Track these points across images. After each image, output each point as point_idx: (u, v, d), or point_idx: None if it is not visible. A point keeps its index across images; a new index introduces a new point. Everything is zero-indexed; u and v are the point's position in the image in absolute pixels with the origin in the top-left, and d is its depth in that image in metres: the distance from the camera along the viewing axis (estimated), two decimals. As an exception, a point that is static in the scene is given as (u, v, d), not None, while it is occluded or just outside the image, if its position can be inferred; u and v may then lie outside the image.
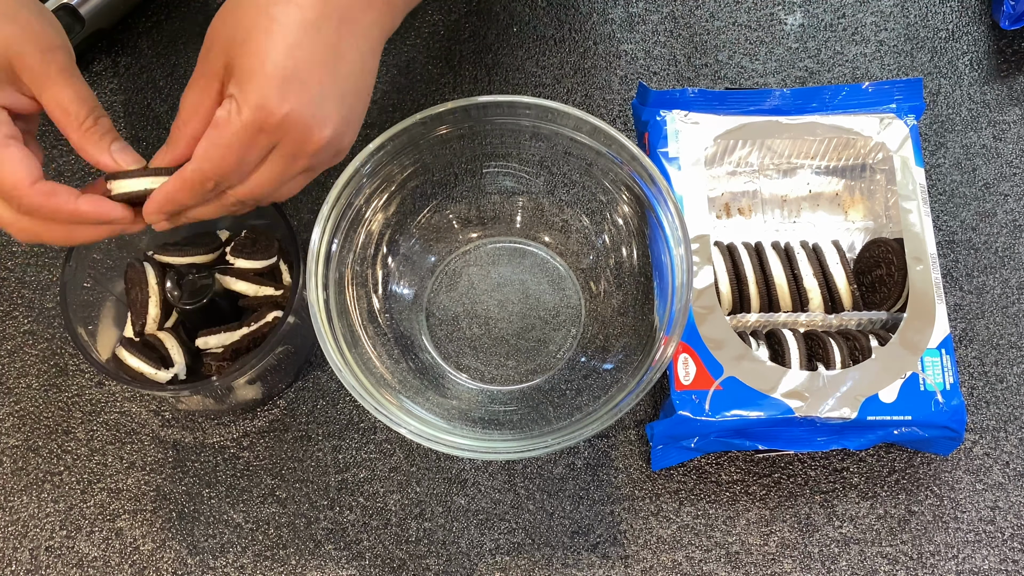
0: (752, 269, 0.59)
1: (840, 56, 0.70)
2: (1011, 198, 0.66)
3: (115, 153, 0.49)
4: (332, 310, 0.53)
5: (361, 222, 0.57)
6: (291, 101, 0.44)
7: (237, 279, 0.58)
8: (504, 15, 0.71)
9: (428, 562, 0.58)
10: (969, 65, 0.70)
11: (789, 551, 0.58)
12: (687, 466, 0.60)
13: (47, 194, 0.46)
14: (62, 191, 0.47)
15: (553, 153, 0.59)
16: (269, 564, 0.58)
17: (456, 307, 0.63)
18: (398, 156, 0.56)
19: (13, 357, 0.63)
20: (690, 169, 0.60)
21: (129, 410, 0.62)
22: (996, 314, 0.63)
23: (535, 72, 0.70)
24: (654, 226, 0.55)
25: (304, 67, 0.44)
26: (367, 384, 0.52)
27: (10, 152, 0.46)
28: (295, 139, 0.46)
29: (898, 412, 0.55)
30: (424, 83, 0.69)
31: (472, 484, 0.60)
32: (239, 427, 0.61)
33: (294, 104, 0.44)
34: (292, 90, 0.44)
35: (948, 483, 0.60)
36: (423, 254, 0.63)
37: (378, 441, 0.61)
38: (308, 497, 0.60)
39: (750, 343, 0.58)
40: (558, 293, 0.63)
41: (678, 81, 0.69)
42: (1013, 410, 0.61)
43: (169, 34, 0.71)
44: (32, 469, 0.61)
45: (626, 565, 0.58)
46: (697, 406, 0.55)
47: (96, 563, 0.59)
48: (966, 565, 0.58)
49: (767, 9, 0.71)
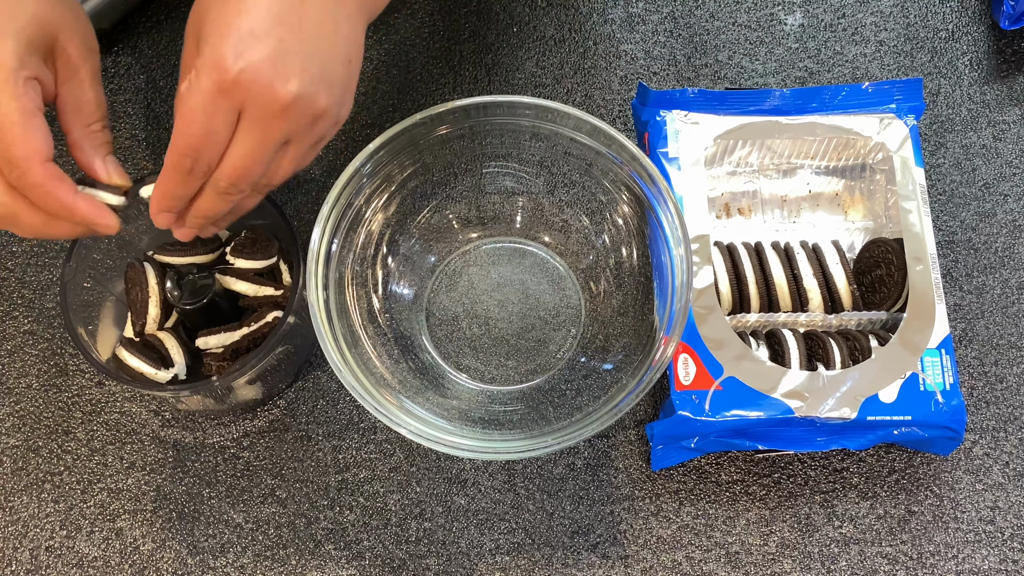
0: (752, 269, 0.59)
1: (840, 56, 0.70)
2: (1011, 198, 0.66)
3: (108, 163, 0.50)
4: (332, 310, 0.53)
5: (361, 222, 0.57)
6: (246, 57, 0.43)
7: (237, 279, 0.58)
8: (504, 15, 0.71)
9: (428, 562, 0.58)
10: (969, 65, 0.70)
11: (789, 551, 0.58)
12: (687, 466, 0.60)
13: (53, 176, 0.46)
14: (67, 180, 0.47)
15: (553, 153, 0.59)
16: (269, 564, 0.58)
17: (456, 307, 0.63)
18: (398, 156, 0.56)
19: (13, 357, 0.63)
20: (690, 169, 0.60)
21: (129, 410, 0.62)
22: (996, 314, 0.63)
23: (535, 72, 0.70)
24: (654, 226, 0.55)
25: (260, 24, 0.43)
26: (367, 384, 0.52)
27: (38, 122, 0.46)
28: (258, 98, 0.43)
29: (898, 412, 0.55)
30: (424, 83, 0.69)
31: (472, 484, 0.60)
32: (239, 427, 0.61)
33: (250, 59, 0.43)
34: (246, 46, 0.43)
35: (948, 483, 0.60)
36: (423, 254, 0.63)
37: (378, 441, 0.61)
38: (308, 497, 0.60)
39: (750, 343, 0.58)
40: (558, 293, 0.63)
41: (678, 81, 0.69)
42: (1013, 410, 0.61)
43: (169, 34, 0.71)
44: (32, 469, 0.61)
45: (626, 565, 0.58)
46: (697, 406, 0.55)
47: (96, 563, 0.59)
48: (966, 565, 0.58)
49: (767, 9, 0.71)
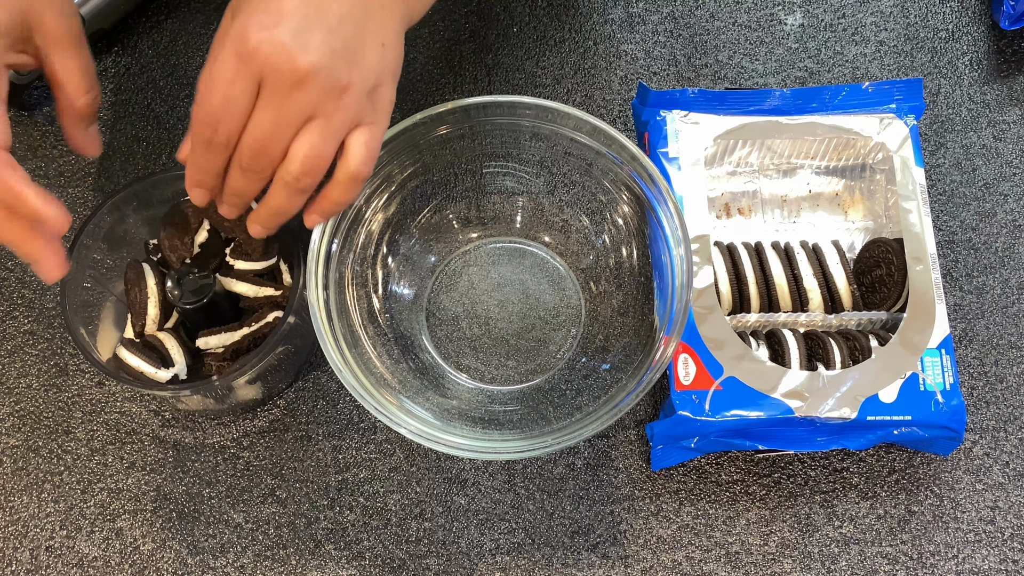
0: (752, 269, 0.59)
1: (840, 56, 0.70)
2: (1011, 198, 0.66)
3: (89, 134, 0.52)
4: (332, 310, 0.53)
5: (361, 222, 0.57)
6: (269, 29, 0.43)
7: (237, 280, 0.58)
8: (504, 15, 0.71)
9: (428, 562, 0.58)
10: (969, 65, 0.70)
11: (789, 551, 0.58)
12: (687, 466, 0.60)
13: (7, 164, 0.46)
14: (19, 170, 0.47)
15: (553, 153, 0.59)
16: (269, 564, 0.58)
17: (456, 307, 0.63)
18: (398, 156, 0.56)
19: (13, 357, 0.63)
20: (690, 169, 0.60)
21: (129, 410, 0.62)
22: (996, 314, 0.63)
23: (535, 72, 0.70)
24: (654, 226, 0.55)
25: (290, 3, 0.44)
26: (367, 384, 0.52)
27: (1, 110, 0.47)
28: (276, 67, 0.43)
29: (898, 412, 0.55)
30: (424, 83, 0.69)
31: (472, 484, 0.60)
32: (239, 427, 0.61)
33: (272, 31, 0.43)
34: (273, 20, 0.43)
35: (948, 483, 0.60)
36: (423, 254, 0.63)
37: (378, 441, 0.61)
38: (308, 497, 0.60)
39: (750, 343, 0.58)
40: (558, 293, 0.63)
41: (678, 81, 0.69)
42: (1013, 410, 0.61)
43: (169, 34, 0.71)
44: (32, 469, 0.61)
45: (626, 565, 0.58)
46: (697, 406, 0.55)
47: (96, 563, 0.59)
48: (966, 565, 0.58)
49: (767, 9, 0.71)
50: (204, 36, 0.71)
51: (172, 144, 0.68)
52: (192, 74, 0.69)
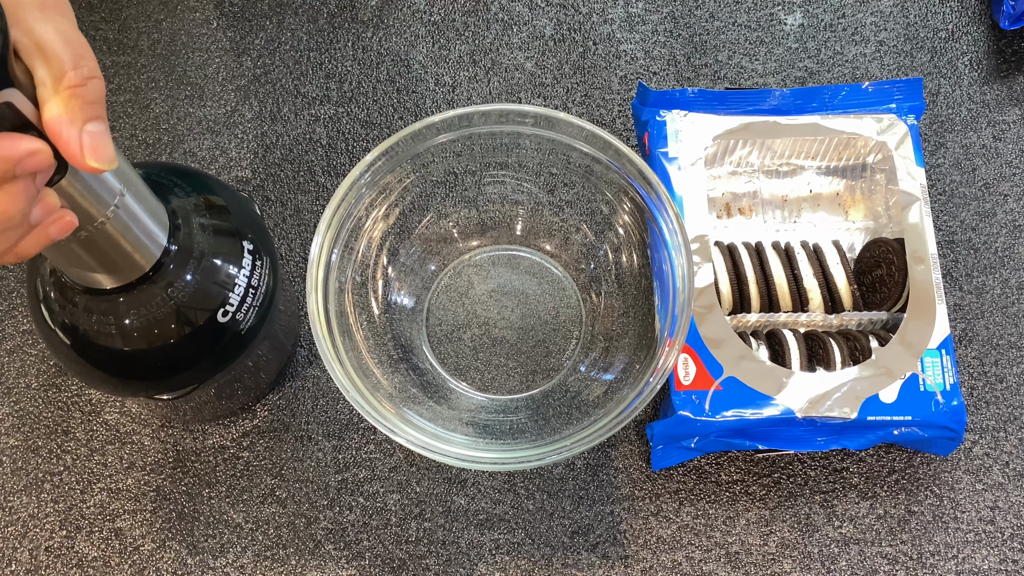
0: (752, 269, 0.59)
1: (840, 56, 0.70)
2: (1011, 198, 0.66)
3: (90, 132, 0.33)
4: (332, 319, 0.53)
5: (361, 231, 0.57)
6: None
7: None
8: (504, 15, 0.71)
9: (428, 562, 0.58)
10: (969, 65, 0.70)
11: (789, 551, 0.58)
12: (687, 466, 0.60)
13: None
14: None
15: (553, 161, 0.59)
16: (269, 564, 0.58)
17: (456, 315, 0.63)
18: (398, 165, 0.56)
19: (13, 357, 0.63)
20: (690, 169, 0.60)
21: (129, 410, 0.62)
22: (996, 314, 0.63)
23: (535, 72, 0.70)
24: (654, 234, 0.55)
25: None
26: (367, 394, 0.51)
27: None
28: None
29: (898, 412, 0.55)
30: (424, 83, 0.69)
31: (472, 484, 0.60)
32: (239, 427, 0.61)
33: None
34: None
35: (948, 483, 0.60)
36: (423, 263, 0.63)
37: (378, 441, 0.61)
38: (308, 497, 0.60)
39: (750, 343, 0.58)
40: (559, 301, 0.63)
41: (678, 81, 0.69)
42: (1013, 410, 0.61)
43: (169, 34, 0.71)
44: (32, 469, 0.61)
45: (626, 565, 0.58)
46: (697, 406, 0.55)
47: (96, 563, 0.59)
48: (966, 565, 0.58)
49: (767, 9, 0.71)
50: (204, 36, 0.71)
51: (171, 144, 0.68)
52: (192, 74, 0.69)
